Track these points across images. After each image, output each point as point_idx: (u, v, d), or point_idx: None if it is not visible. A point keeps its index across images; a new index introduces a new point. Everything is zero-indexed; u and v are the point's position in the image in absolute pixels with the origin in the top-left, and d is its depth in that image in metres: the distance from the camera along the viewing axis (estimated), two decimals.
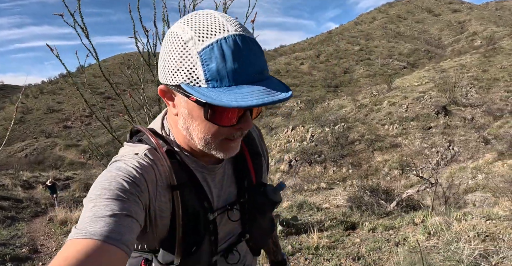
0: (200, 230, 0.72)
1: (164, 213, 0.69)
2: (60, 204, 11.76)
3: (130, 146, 0.72)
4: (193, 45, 0.56)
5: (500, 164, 9.99)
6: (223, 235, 0.80)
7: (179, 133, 0.71)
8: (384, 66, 52.92)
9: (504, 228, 3.03)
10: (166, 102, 0.67)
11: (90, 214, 0.55)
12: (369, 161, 13.64)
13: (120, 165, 0.65)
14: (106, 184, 0.60)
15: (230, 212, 0.79)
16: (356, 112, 18.46)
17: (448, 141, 14.06)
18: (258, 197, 0.81)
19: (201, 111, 0.61)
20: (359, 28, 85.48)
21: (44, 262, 5.53)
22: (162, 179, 0.68)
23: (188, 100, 0.61)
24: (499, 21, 75.85)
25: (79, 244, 0.50)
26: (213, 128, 0.63)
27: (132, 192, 0.60)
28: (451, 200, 9.22)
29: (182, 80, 0.58)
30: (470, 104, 18.68)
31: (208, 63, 0.55)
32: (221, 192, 0.79)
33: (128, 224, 0.55)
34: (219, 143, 0.66)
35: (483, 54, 26.32)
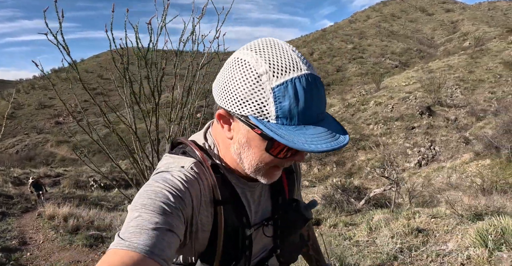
0: (239, 245, 0.73)
1: (205, 227, 0.70)
2: (48, 201, 11.97)
3: (173, 158, 0.73)
4: (267, 80, 0.57)
5: (474, 164, 10.43)
6: (256, 251, 0.82)
7: (228, 154, 0.72)
8: (377, 64, 53.45)
9: (442, 225, 3.38)
10: (221, 125, 0.68)
11: (134, 224, 0.57)
12: (353, 160, 14.03)
13: (167, 177, 0.66)
14: (152, 195, 0.61)
15: (265, 227, 0.81)
16: (344, 112, 18.83)
17: (430, 141, 14.49)
18: (291, 213, 0.84)
19: (262, 142, 0.63)
20: (353, 27, 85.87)
21: (32, 252, 5.92)
22: (206, 193, 0.69)
23: (250, 130, 0.62)
24: (491, 22, 76.79)
25: (123, 256, 0.51)
26: (269, 158, 0.65)
27: (176, 206, 0.62)
28: (426, 199, 9.64)
29: (251, 112, 0.59)
30: (455, 105, 19.17)
31: (281, 100, 0.56)
32: (258, 208, 0.81)
33: (169, 239, 0.57)
34: (268, 170, 0.68)
35: (470, 55, 26.84)
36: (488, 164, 10.04)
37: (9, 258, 5.48)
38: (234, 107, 0.61)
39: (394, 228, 2.99)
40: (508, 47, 27.17)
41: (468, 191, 8.22)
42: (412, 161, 13.34)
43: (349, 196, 6.39)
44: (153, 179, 0.67)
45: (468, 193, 8.34)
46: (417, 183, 10.92)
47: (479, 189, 7.64)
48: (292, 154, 0.64)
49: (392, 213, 4.21)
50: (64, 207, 8.86)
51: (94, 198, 12.38)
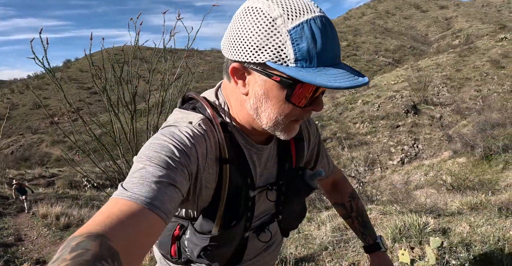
0: (241, 205, 0.74)
1: (209, 184, 0.70)
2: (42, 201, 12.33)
3: (183, 113, 0.72)
4: (282, 23, 0.56)
5: (451, 162, 10.89)
6: (258, 213, 0.82)
7: (243, 111, 0.70)
8: (370, 62, 53.92)
9: (386, 221, 3.78)
10: (235, 81, 0.67)
11: (138, 175, 0.56)
12: (338, 158, 14.46)
13: (174, 131, 0.65)
14: (158, 148, 0.61)
15: (269, 191, 0.81)
16: (332, 111, 19.25)
17: (413, 139, 14.95)
18: (296, 180, 0.84)
19: (281, 92, 0.62)
20: (347, 24, 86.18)
21: (26, 247, 6.68)
22: (212, 151, 0.69)
23: (267, 80, 0.61)
24: (485, 18, 77.32)
25: (123, 205, 0.51)
26: (288, 109, 0.64)
27: (181, 161, 0.61)
28: (404, 195, 10.08)
29: (269, 58, 0.58)
30: (441, 103, 19.61)
31: (298, 42, 0.56)
32: (264, 171, 0.80)
33: (171, 193, 0.56)
34: (287, 124, 0.67)
35: (458, 54, 27.27)
36: (463, 162, 10.51)
37: (6, 252, 6.18)
38: (250, 56, 0.60)
39: (338, 224, 3.38)
40: (496, 45, 27.64)
41: (439, 189, 8.68)
42: (395, 159, 13.81)
43: (321, 194, 6.78)
44: (160, 132, 0.66)
45: (439, 191, 8.80)
46: (396, 180, 11.39)
47: (446, 187, 8.08)
48: (311, 103, 0.64)
49: None
50: (57, 206, 9.33)
51: (87, 198, 12.79)
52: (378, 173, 13.09)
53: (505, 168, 9.26)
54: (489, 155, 10.09)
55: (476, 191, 8.60)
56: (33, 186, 16.92)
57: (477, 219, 2.98)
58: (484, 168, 9.79)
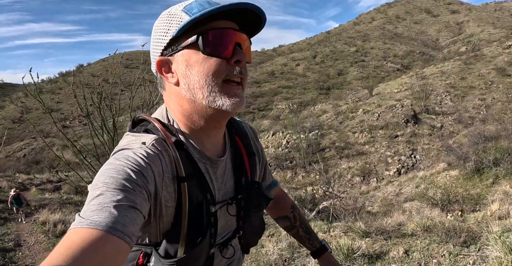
0: (204, 221, 0.73)
1: (169, 203, 0.69)
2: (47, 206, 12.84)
3: (135, 136, 0.72)
4: (176, 8, 0.69)
5: (444, 175, 10.93)
6: (221, 230, 0.83)
7: (184, 105, 0.73)
8: (378, 68, 53.63)
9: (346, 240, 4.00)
10: (165, 77, 0.72)
11: (95, 202, 0.55)
12: (335, 168, 14.59)
13: (128, 154, 0.65)
14: (113, 173, 0.60)
15: (230, 206, 0.82)
16: (333, 119, 19.37)
17: (411, 149, 14.98)
18: (253, 193, 0.85)
19: (196, 53, 0.68)
20: (357, 29, 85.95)
21: (23, 252, 7.10)
22: (168, 170, 0.69)
23: (183, 52, 0.69)
24: (497, 23, 76.13)
25: (84, 233, 0.50)
26: (211, 65, 0.67)
27: (139, 183, 0.61)
28: (395, 207, 10.19)
29: (174, 30, 0.67)
30: (443, 112, 19.53)
31: (191, 11, 0.67)
32: (222, 186, 0.81)
33: (133, 216, 0.56)
34: (222, 87, 0.68)
35: (464, 61, 27.04)
36: (455, 175, 10.55)
37: (5, 257, 6.66)
38: (162, 42, 0.70)
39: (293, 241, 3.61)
40: (503, 52, 27.33)
41: (427, 202, 8.77)
42: (391, 170, 13.87)
43: (303, 207, 7.01)
44: (114, 157, 0.66)
45: (428, 204, 8.89)
46: (389, 192, 11.48)
47: (431, 202, 8.18)
48: (232, 55, 0.69)
49: (320, 226, 4.82)
50: (56, 214, 9.78)
51: None
52: (373, 184, 13.18)
53: (495, 183, 9.29)
54: (480, 169, 10.12)
55: (464, 205, 8.68)
56: (40, 191, 17.51)
57: (417, 243, 3.18)
58: (475, 182, 9.83)
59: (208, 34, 0.67)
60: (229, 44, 0.68)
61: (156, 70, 0.73)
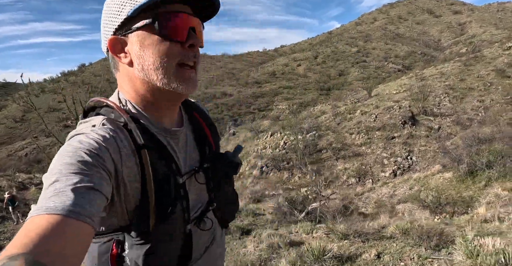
0: (172, 193, 0.71)
1: (132, 178, 0.68)
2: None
3: (86, 121, 0.72)
4: None
5: (438, 177, 10.98)
6: (193, 203, 0.80)
7: (137, 85, 0.72)
8: (379, 69, 53.53)
9: (326, 241, 4.08)
10: (118, 57, 0.72)
11: (51, 189, 0.53)
12: (331, 169, 14.65)
13: (80, 138, 0.64)
14: (67, 158, 0.59)
15: (197, 174, 0.81)
16: (331, 120, 19.42)
17: (407, 151, 15.01)
18: (220, 161, 0.86)
19: (151, 35, 0.68)
20: (359, 29, 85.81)
21: None
22: (125, 144, 0.68)
23: (138, 33, 0.69)
24: (499, 23, 75.80)
25: (40, 220, 0.48)
26: (166, 48, 0.68)
27: (95, 164, 0.59)
28: (388, 208, 10.25)
29: (128, 10, 0.67)
30: (441, 114, 19.53)
31: None
32: (186, 157, 0.81)
33: (91, 197, 0.54)
34: (176, 69, 0.69)
35: (463, 63, 27.01)
36: (449, 177, 10.59)
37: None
38: (115, 20, 0.69)
39: (277, 241, 3.69)
40: (503, 53, 27.26)
41: (419, 204, 8.82)
42: (387, 171, 13.91)
43: (294, 209, 7.08)
44: (67, 143, 0.64)
45: (419, 206, 8.95)
46: (383, 193, 11.53)
47: (422, 204, 8.23)
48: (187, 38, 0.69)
49: (304, 227, 4.90)
50: None
51: None
52: (369, 185, 13.23)
53: (488, 185, 9.33)
54: (474, 171, 10.15)
55: (455, 208, 8.73)
56: (39, 191, 17.67)
57: (393, 246, 3.25)
58: (467, 184, 9.87)
59: (164, 17, 0.67)
60: (184, 28, 0.69)
61: (107, 49, 0.72)
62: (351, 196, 12.11)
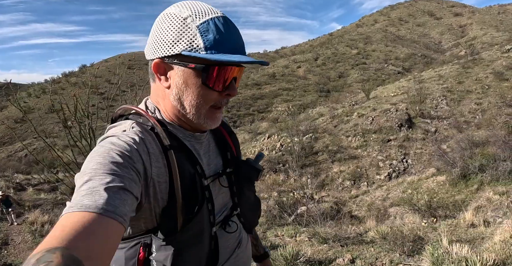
0: (198, 194, 0.74)
1: (161, 178, 0.71)
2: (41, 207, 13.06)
3: (115, 125, 0.77)
4: (192, 21, 0.69)
5: (431, 180, 10.99)
6: (218, 207, 0.84)
7: (168, 105, 0.77)
8: (379, 71, 53.58)
9: (307, 245, 4.11)
10: (158, 77, 0.75)
11: (85, 187, 0.56)
12: (327, 171, 14.67)
13: (111, 140, 0.67)
14: (100, 159, 0.62)
15: (221, 178, 0.85)
16: (328, 123, 19.45)
17: (403, 154, 15.02)
18: (243, 166, 0.89)
19: (197, 78, 0.71)
20: (359, 31, 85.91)
21: (8, 251, 7.43)
22: (153, 146, 0.72)
23: (185, 69, 0.71)
24: (500, 26, 75.77)
25: (75, 217, 0.51)
26: (205, 94, 0.72)
27: (126, 165, 0.63)
28: (380, 211, 10.27)
29: (183, 48, 0.69)
30: (438, 117, 19.53)
31: (206, 34, 0.68)
32: (210, 161, 0.84)
33: (123, 196, 0.57)
34: (208, 110, 0.74)
35: (462, 65, 27.01)
36: (442, 181, 10.60)
37: None
38: (168, 50, 0.70)
39: None
40: (502, 56, 27.25)
41: (408, 208, 8.84)
42: (382, 174, 13.92)
43: (283, 211, 7.11)
44: (99, 145, 0.68)
45: (409, 210, 8.96)
46: (377, 196, 11.55)
47: (413, 207, 8.25)
48: (226, 87, 0.73)
49: (289, 231, 4.94)
50: (46, 215, 10.00)
51: None
52: (363, 188, 13.25)
53: (480, 189, 9.35)
54: (467, 175, 10.17)
55: (447, 211, 8.74)
56: (36, 192, 17.75)
57: (370, 251, 3.29)
58: (460, 187, 9.88)
59: (213, 69, 0.70)
60: (227, 80, 0.73)
61: (151, 67, 0.76)
62: (345, 198, 12.14)
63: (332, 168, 14.80)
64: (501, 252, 2.62)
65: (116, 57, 76.21)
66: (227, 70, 0.71)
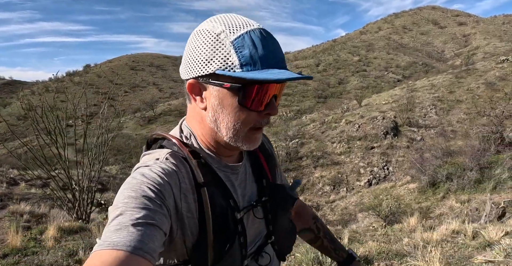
0: (230, 229, 0.72)
1: (191, 214, 0.69)
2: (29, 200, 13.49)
3: (149, 154, 0.74)
4: (226, 37, 0.64)
5: (404, 187, 11.28)
6: (251, 238, 0.81)
7: (205, 129, 0.74)
8: (378, 78, 53.86)
9: None
10: (193, 98, 0.72)
11: (115, 223, 0.56)
12: (309, 176, 14.99)
13: (144, 171, 0.66)
14: (132, 192, 0.61)
15: (255, 209, 0.81)
16: (317, 128, 19.79)
17: (385, 161, 15.31)
18: (278, 195, 0.85)
19: (233, 98, 0.66)
20: (363, 38, 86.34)
21: None
22: (185, 180, 0.69)
23: (220, 89, 0.67)
24: (504, 36, 75.81)
25: (103, 256, 0.51)
26: (243, 115, 0.68)
27: (157, 199, 0.61)
28: (352, 216, 10.56)
29: (217, 67, 0.64)
30: (426, 125, 19.80)
31: (241, 50, 0.63)
32: (245, 191, 0.81)
33: (152, 232, 0.57)
34: (247, 132, 0.70)
35: (455, 75, 27.26)
36: (412, 188, 10.89)
37: None
38: (202, 70, 0.66)
39: None
40: (496, 67, 27.46)
41: (371, 213, 9.14)
42: (362, 180, 14.22)
43: None
44: (131, 176, 0.67)
45: (371, 215, 9.26)
46: (352, 201, 11.85)
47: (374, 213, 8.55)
48: (266, 106, 0.68)
49: None
50: (27, 205, 10.45)
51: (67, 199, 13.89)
52: (342, 193, 13.54)
53: (445, 197, 9.64)
54: (436, 183, 10.46)
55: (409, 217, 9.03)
56: (27, 187, 18.24)
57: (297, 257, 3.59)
58: (428, 195, 10.17)
59: (251, 88, 0.65)
60: (267, 99, 0.68)
61: (186, 87, 0.72)
62: (321, 203, 12.44)
63: (314, 173, 15.12)
64: (375, 249, 2.93)
65: (120, 58, 77.31)
66: (265, 88, 0.66)
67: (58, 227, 5.08)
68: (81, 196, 6.42)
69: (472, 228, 4.76)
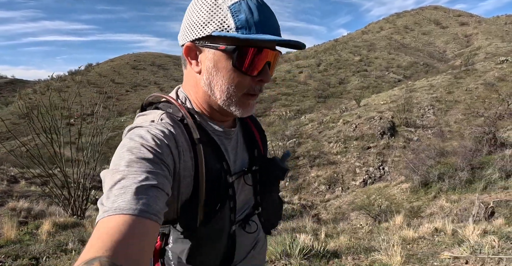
0: (222, 191, 0.73)
1: (186, 172, 0.70)
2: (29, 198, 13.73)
3: (144, 115, 0.75)
4: (223, 1, 0.67)
5: (396, 187, 11.42)
6: (240, 205, 0.82)
7: (199, 93, 0.75)
8: (379, 78, 53.82)
9: None
10: (189, 61, 0.73)
11: (118, 186, 0.55)
12: (305, 176, 15.14)
13: (141, 133, 0.65)
14: (131, 155, 0.60)
15: (246, 175, 0.83)
16: (315, 128, 19.92)
17: (380, 161, 15.44)
18: (269, 165, 0.87)
19: (227, 61, 0.68)
20: (364, 38, 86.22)
21: None
22: (182, 140, 0.70)
23: (215, 52, 0.68)
24: (506, 36, 75.52)
25: (111, 221, 0.51)
26: (237, 78, 0.69)
27: (157, 161, 0.61)
28: (345, 215, 10.71)
29: (213, 29, 0.66)
30: (423, 126, 19.91)
31: (237, 14, 0.65)
32: (236, 157, 0.82)
33: (155, 194, 0.56)
34: (240, 97, 0.71)
35: (454, 75, 27.31)
36: (405, 188, 11.03)
37: None
38: (199, 32, 0.68)
39: None
40: (495, 67, 27.49)
41: (363, 212, 9.29)
42: (358, 180, 14.36)
43: None
44: (127, 137, 0.66)
45: (361, 214, 9.41)
46: (345, 201, 11.99)
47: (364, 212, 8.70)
48: (259, 73, 0.70)
49: None
50: (25, 202, 10.66)
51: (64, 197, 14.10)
52: (337, 193, 13.69)
53: (436, 197, 9.77)
54: (429, 183, 10.59)
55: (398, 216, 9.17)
56: (28, 184, 18.46)
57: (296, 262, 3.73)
58: (420, 195, 10.31)
59: (246, 51, 0.67)
60: (260, 65, 0.69)
61: (182, 51, 0.73)
62: (316, 202, 12.60)
63: (310, 172, 15.27)
64: (345, 244, 3.08)
65: (121, 57, 77.58)
66: (258, 54, 0.68)
67: (53, 222, 5.28)
68: (76, 193, 6.62)
69: (452, 227, 4.91)
